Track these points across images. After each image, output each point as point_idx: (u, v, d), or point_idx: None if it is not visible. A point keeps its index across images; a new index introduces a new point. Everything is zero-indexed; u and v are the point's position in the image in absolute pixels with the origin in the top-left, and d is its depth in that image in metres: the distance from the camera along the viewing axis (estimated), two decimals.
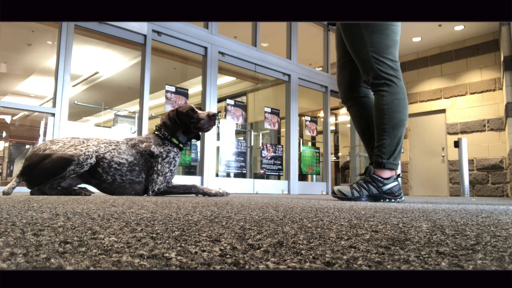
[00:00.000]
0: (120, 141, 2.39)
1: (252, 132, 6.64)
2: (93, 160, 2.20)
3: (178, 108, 2.51)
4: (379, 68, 2.19)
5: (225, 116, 6.19)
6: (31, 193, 2.14)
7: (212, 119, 2.44)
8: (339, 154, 10.85)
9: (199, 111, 2.47)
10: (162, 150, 2.39)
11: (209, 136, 5.52)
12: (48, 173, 2.10)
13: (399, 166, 6.96)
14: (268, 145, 6.58)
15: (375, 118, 2.25)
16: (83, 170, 2.18)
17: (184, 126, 2.47)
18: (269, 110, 6.55)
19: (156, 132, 2.47)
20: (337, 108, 10.16)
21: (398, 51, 2.29)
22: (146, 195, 2.37)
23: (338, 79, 2.58)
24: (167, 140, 2.44)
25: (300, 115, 7.40)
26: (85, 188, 2.26)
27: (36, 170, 2.12)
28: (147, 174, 2.36)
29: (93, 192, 2.31)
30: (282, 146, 6.77)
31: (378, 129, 2.22)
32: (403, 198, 2.28)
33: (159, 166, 2.36)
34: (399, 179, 2.32)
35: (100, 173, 2.26)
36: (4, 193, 2.05)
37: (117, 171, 2.28)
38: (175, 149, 2.46)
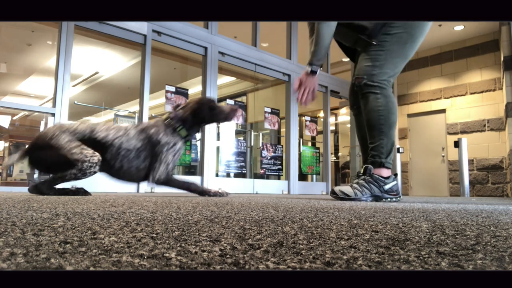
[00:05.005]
0: (129, 126, 2.37)
1: (252, 132, 6.64)
2: (96, 169, 2.15)
3: (200, 100, 2.48)
4: (377, 75, 2.25)
5: None
6: (29, 190, 2.14)
7: (234, 111, 2.51)
8: (339, 154, 10.85)
9: (220, 104, 2.51)
10: (169, 139, 2.38)
11: (209, 136, 5.52)
12: (48, 165, 2.10)
13: (399, 166, 6.98)
14: (268, 145, 6.58)
15: (370, 120, 2.26)
16: (84, 177, 2.14)
17: (199, 120, 2.45)
18: (269, 110, 6.55)
19: (166, 121, 2.44)
20: (337, 108, 10.16)
21: None
22: (146, 181, 2.38)
23: (350, 85, 2.63)
24: (176, 131, 2.43)
25: (300, 115, 7.40)
26: (82, 188, 2.26)
27: (39, 154, 2.11)
28: (150, 161, 2.36)
29: (90, 194, 2.30)
30: (282, 146, 6.77)
31: (375, 130, 2.24)
32: (401, 197, 2.32)
33: (163, 155, 2.35)
34: (398, 178, 2.36)
35: (108, 159, 2.24)
36: (7, 164, 2.10)
37: (124, 158, 2.26)
38: (181, 141, 2.45)
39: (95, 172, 2.16)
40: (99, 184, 4.38)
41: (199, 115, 2.43)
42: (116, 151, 2.23)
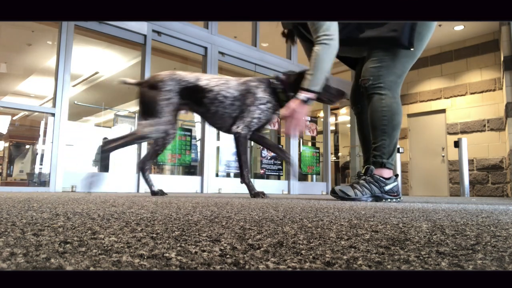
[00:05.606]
0: (232, 78, 2.47)
1: None
2: (159, 133, 2.29)
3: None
4: (384, 76, 2.23)
5: None
6: (101, 147, 2.28)
7: (342, 95, 2.45)
8: (339, 154, 10.85)
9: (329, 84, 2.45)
10: (264, 96, 2.40)
11: (209, 136, 5.52)
12: (145, 102, 2.29)
13: (399, 166, 6.98)
14: None
15: (374, 120, 2.25)
16: (147, 137, 2.30)
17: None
18: None
19: (271, 80, 2.46)
20: (337, 108, 10.16)
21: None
22: (232, 128, 2.43)
23: (352, 84, 2.63)
24: (275, 92, 2.43)
25: None
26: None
27: (147, 90, 2.30)
28: (241, 111, 2.42)
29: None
30: (282, 146, 6.77)
31: (378, 130, 2.23)
32: (402, 198, 2.31)
33: (252, 108, 2.38)
34: (398, 178, 2.36)
35: (205, 103, 2.38)
36: (120, 80, 2.35)
37: (220, 104, 2.37)
38: (275, 103, 2.44)
39: (145, 140, 2.34)
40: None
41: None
42: (214, 96, 2.37)
